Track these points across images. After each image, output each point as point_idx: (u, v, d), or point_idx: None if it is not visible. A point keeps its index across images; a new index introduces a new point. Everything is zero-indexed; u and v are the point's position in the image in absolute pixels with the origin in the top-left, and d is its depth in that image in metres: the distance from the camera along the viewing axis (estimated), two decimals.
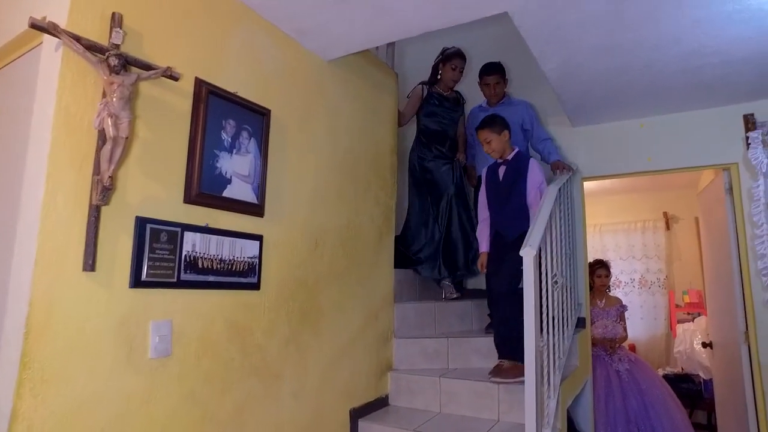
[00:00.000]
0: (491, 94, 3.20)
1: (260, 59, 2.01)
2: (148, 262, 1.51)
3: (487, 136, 2.66)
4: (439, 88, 3.31)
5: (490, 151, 2.68)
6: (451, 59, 3.25)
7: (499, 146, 2.67)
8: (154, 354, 1.52)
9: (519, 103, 3.23)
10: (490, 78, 3.17)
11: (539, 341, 1.94)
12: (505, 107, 3.17)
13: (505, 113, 2.98)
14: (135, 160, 1.51)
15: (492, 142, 2.66)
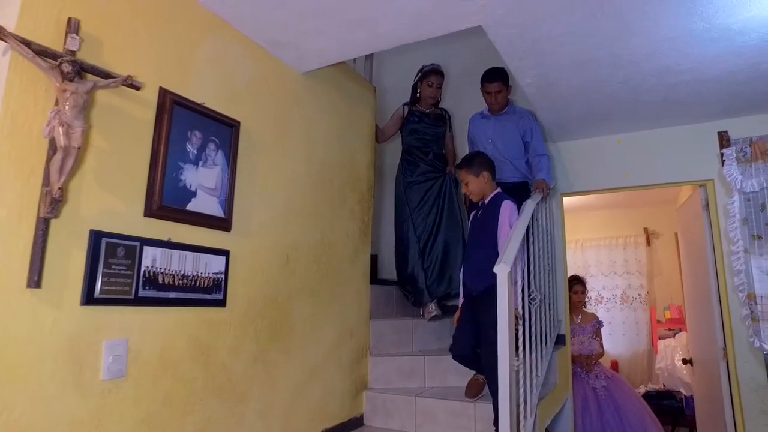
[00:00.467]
0: (492, 102, 3.01)
1: (231, 70, 1.97)
2: (102, 278, 1.44)
3: (464, 177, 2.47)
4: (420, 106, 3.24)
5: (468, 193, 2.50)
6: (427, 76, 3.17)
7: (477, 188, 2.45)
8: (107, 375, 1.44)
9: (522, 113, 3.05)
10: (491, 86, 2.97)
11: (514, 361, 1.89)
12: (508, 116, 3.04)
13: (507, 123, 2.99)
14: (91, 171, 1.44)
15: (469, 184, 2.45)
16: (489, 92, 2.98)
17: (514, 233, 2.10)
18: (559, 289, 3.20)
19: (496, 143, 3.01)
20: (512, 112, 3.04)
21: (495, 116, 3.06)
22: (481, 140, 3.07)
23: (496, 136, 3.03)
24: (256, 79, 2.09)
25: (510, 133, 2.99)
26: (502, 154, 2.97)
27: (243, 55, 2.03)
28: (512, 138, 2.99)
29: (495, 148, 2.99)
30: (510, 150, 2.99)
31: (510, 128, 2.98)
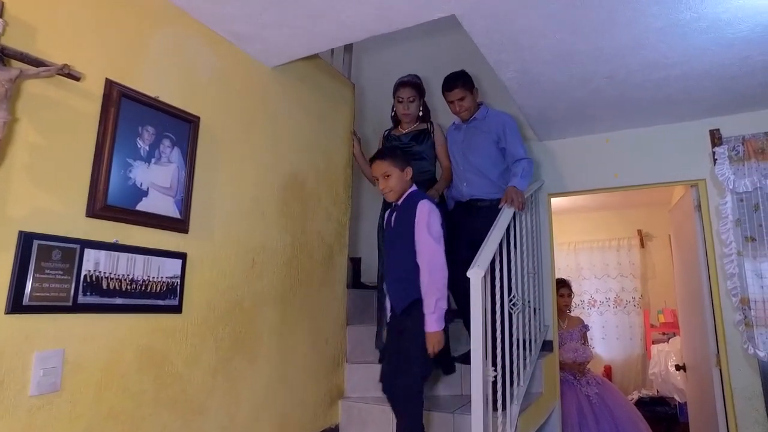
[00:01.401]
0: (458, 110, 2.69)
1: (191, 63, 1.86)
2: (33, 284, 1.32)
3: (386, 169, 2.11)
4: (400, 128, 2.85)
5: (387, 189, 2.12)
6: (396, 91, 2.77)
7: (399, 184, 2.12)
8: (36, 391, 1.32)
9: (495, 117, 2.70)
10: (451, 94, 2.66)
11: (488, 372, 1.77)
12: (478, 123, 2.72)
13: (477, 131, 2.69)
14: (22, 167, 1.33)
15: (391, 178, 2.10)
16: (451, 101, 2.68)
17: (490, 238, 1.98)
18: (546, 293, 3.09)
19: (467, 155, 2.69)
20: (483, 117, 2.72)
21: (466, 124, 2.75)
22: (454, 153, 2.77)
23: (467, 147, 2.70)
24: (220, 73, 1.98)
25: (482, 141, 2.67)
26: (475, 167, 2.66)
27: (204, 47, 1.92)
28: (485, 147, 2.66)
29: (466, 161, 2.69)
30: (483, 161, 2.65)
31: (481, 136, 2.67)
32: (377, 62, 3.51)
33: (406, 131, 2.82)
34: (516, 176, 2.51)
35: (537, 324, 2.86)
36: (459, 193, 2.72)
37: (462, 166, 2.65)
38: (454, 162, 2.76)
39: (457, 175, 2.73)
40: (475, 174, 2.65)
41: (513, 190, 2.41)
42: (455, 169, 2.74)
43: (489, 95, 3.25)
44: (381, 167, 2.13)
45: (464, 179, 2.68)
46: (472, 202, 2.65)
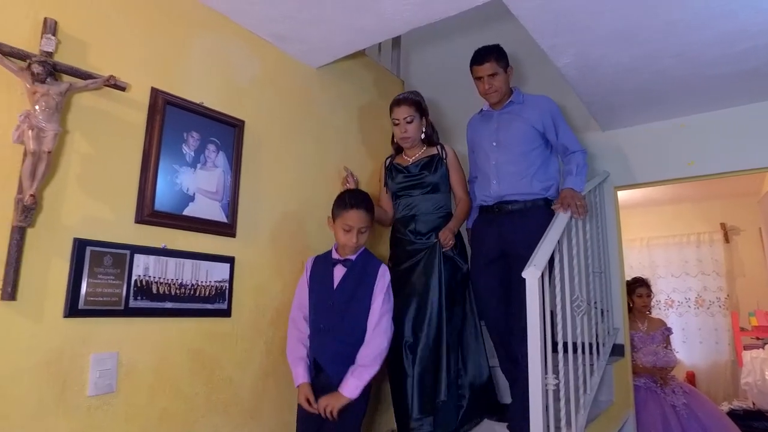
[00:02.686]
0: (487, 89, 2.19)
1: (233, 67, 1.88)
2: (87, 288, 1.37)
3: (366, 223, 1.88)
4: (405, 155, 2.34)
5: (355, 245, 1.87)
6: (390, 113, 2.27)
7: (364, 242, 1.92)
8: (94, 391, 1.36)
9: (536, 101, 2.25)
10: (482, 68, 2.17)
11: (546, 380, 1.64)
12: (516, 108, 2.25)
13: (516, 118, 2.22)
14: (75, 177, 1.38)
15: (365, 235, 1.89)
16: (480, 77, 2.20)
17: (547, 236, 1.84)
18: (614, 294, 2.86)
19: (502, 146, 2.22)
20: (520, 101, 2.26)
21: (498, 111, 2.28)
22: (483, 146, 2.29)
23: (502, 137, 2.23)
24: (263, 75, 1.99)
25: (521, 129, 2.20)
26: (511, 160, 2.20)
27: (247, 50, 1.93)
28: (524, 137, 2.20)
29: (500, 153, 2.22)
30: (522, 154, 2.19)
31: (520, 124, 2.20)
32: (427, 58, 3.42)
33: (413, 159, 2.29)
34: (571, 174, 2.11)
35: (605, 327, 2.65)
36: (486, 195, 2.25)
37: (494, 161, 2.22)
38: (479, 157, 2.31)
39: (485, 173, 2.27)
40: (509, 169, 2.20)
41: (570, 192, 2.03)
42: (482, 165, 2.29)
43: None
44: (361, 219, 1.86)
45: (495, 175, 2.21)
46: (501, 205, 2.19)
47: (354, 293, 1.85)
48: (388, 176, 2.34)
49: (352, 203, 1.86)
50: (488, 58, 2.17)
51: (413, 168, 2.27)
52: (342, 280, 1.86)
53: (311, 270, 1.93)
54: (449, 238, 2.15)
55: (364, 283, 1.87)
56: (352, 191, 2.00)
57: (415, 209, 2.23)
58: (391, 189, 2.31)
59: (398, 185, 2.28)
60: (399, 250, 2.24)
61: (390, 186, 2.32)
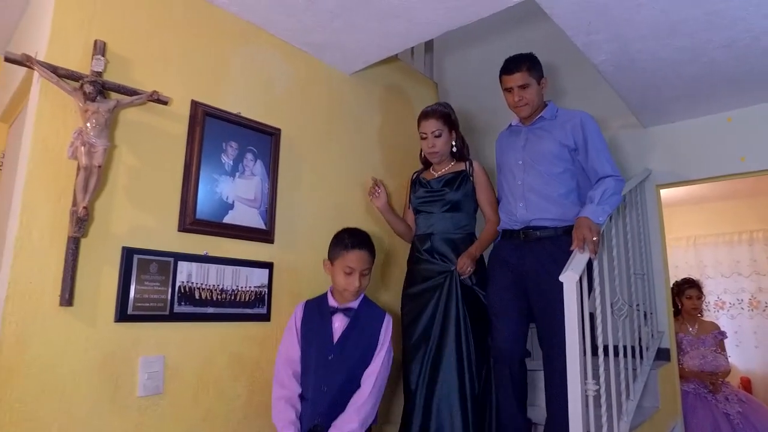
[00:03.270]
0: (516, 102, 1.98)
1: (270, 77, 1.93)
2: (135, 295, 1.44)
3: (368, 265, 1.75)
4: (432, 170, 2.20)
5: (357, 288, 1.71)
6: (418, 126, 2.14)
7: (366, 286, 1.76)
8: (144, 392, 1.43)
9: (569, 116, 2.00)
10: (512, 77, 1.96)
11: (585, 386, 1.61)
12: (548, 124, 2.01)
13: (545, 134, 1.99)
14: (122, 189, 1.46)
15: (367, 277, 1.74)
16: (509, 88, 1.99)
17: None
18: (658, 295, 2.77)
19: (529, 166, 1.99)
20: (552, 116, 2.02)
21: (527, 127, 2.06)
22: (509, 164, 2.08)
23: (530, 156, 2.00)
24: (298, 84, 2.03)
25: (551, 147, 1.96)
26: (539, 182, 1.96)
27: (282, 60, 1.98)
28: (555, 155, 1.95)
29: (527, 174, 1.99)
30: (551, 175, 1.95)
31: (550, 141, 1.97)
32: (460, 60, 3.40)
33: (438, 174, 2.16)
34: (591, 202, 1.81)
35: (648, 330, 2.57)
36: (511, 219, 2.02)
37: (520, 181, 1.99)
38: (506, 177, 2.09)
39: (509, 195, 2.04)
40: (537, 191, 1.96)
41: (583, 222, 1.74)
42: (508, 186, 2.06)
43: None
44: (364, 260, 1.72)
45: (521, 198, 1.98)
46: (528, 231, 1.95)
47: (358, 348, 1.66)
48: (412, 190, 2.22)
49: (354, 243, 1.71)
50: (520, 66, 1.96)
51: (435, 183, 2.13)
52: (344, 333, 1.67)
53: (302, 318, 1.70)
54: (467, 265, 1.96)
55: (367, 335, 1.69)
56: (352, 230, 1.80)
57: (432, 227, 2.08)
58: (413, 203, 2.19)
59: (418, 200, 2.15)
60: (414, 268, 2.11)
61: (412, 200, 2.20)
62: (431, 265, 2.05)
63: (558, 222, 1.92)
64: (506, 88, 2.02)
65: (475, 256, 2.00)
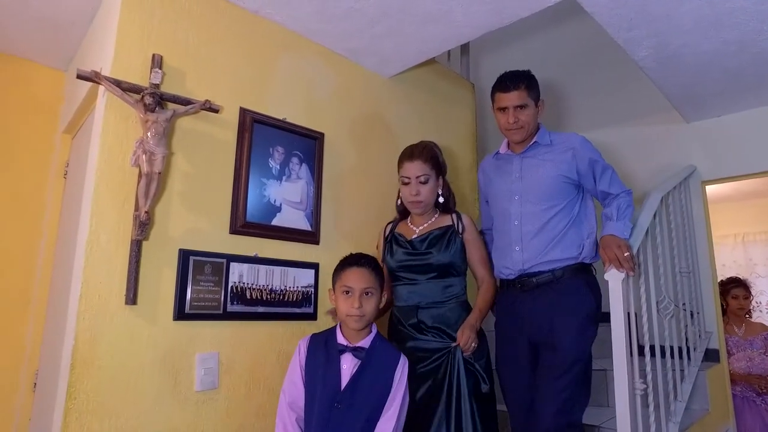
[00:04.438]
0: (510, 125, 1.73)
1: (312, 83, 1.99)
2: (192, 294, 1.52)
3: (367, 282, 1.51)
4: (410, 223, 1.85)
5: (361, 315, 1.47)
6: (399, 167, 1.81)
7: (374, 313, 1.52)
8: (200, 387, 1.51)
9: (564, 143, 1.76)
10: (507, 96, 1.72)
11: (634, 384, 1.60)
12: (544, 151, 1.76)
13: (546, 164, 1.74)
14: (177, 194, 1.54)
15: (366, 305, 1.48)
16: (503, 108, 1.75)
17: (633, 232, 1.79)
18: (705, 294, 2.69)
19: (527, 201, 1.74)
20: (546, 142, 1.78)
21: (519, 155, 1.80)
22: (500, 199, 1.82)
23: (526, 188, 1.75)
24: (339, 88, 2.09)
25: (550, 179, 1.72)
26: (538, 218, 1.71)
27: (323, 66, 2.04)
28: (556, 188, 1.72)
29: (522, 209, 1.74)
30: (551, 209, 1.71)
31: (548, 171, 1.73)
32: (497, 61, 3.40)
33: (420, 231, 1.80)
34: (611, 219, 1.68)
35: (695, 330, 2.51)
36: (506, 265, 1.75)
37: (516, 220, 1.73)
38: (498, 214, 1.83)
39: (504, 236, 1.78)
40: (536, 232, 1.70)
41: (611, 240, 1.62)
42: (501, 226, 1.80)
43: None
44: (364, 278, 1.50)
45: (517, 241, 1.72)
46: (525, 279, 1.70)
47: (370, 396, 1.43)
48: (387, 250, 1.83)
49: (351, 261, 1.53)
50: (518, 84, 1.72)
51: (418, 243, 1.77)
52: (354, 377, 1.44)
53: (307, 355, 1.49)
54: (471, 339, 1.61)
55: (380, 382, 1.45)
56: (354, 253, 1.60)
57: (418, 297, 1.73)
58: (390, 266, 1.80)
59: (398, 264, 1.78)
60: (399, 348, 1.63)
61: (388, 262, 1.80)
62: (423, 343, 1.68)
63: (557, 263, 1.67)
64: (500, 108, 1.77)
65: (477, 327, 1.67)
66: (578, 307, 1.63)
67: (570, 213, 1.73)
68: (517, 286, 1.73)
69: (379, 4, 1.75)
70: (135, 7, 1.52)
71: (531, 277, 1.70)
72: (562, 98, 3.14)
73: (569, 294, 1.65)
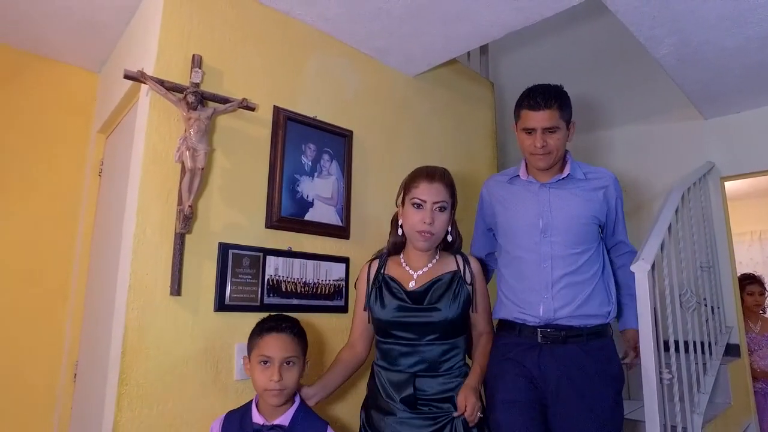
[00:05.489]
0: (536, 149, 1.50)
1: (340, 82, 2.04)
2: (231, 287, 1.57)
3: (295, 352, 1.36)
4: (405, 261, 1.54)
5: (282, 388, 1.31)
6: (410, 187, 1.52)
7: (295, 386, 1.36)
8: (240, 376, 1.56)
9: (598, 180, 1.57)
10: (536, 115, 1.48)
11: (660, 372, 1.63)
12: (575, 187, 1.55)
13: (574, 203, 1.52)
14: (217, 189, 1.59)
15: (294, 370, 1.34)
16: (531, 129, 1.51)
17: (657, 223, 1.82)
18: (725, 290, 2.71)
19: (559, 243, 1.50)
20: (580, 176, 1.56)
21: (546, 185, 1.56)
22: (520, 231, 1.56)
23: (557, 224, 1.51)
24: (366, 87, 2.14)
25: (583, 217, 1.52)
26: (570, 263, 1.49)
27: (351, 65, 2.09)
28: (587, 229, 1.53)
29: (558, 253, 1.50)
30: (583, 253, 1.51)
31: (583, 208, 1.52)
32: (515, 60, 3.43)
33: (418, 277, 1.48)
34: (630, 308, 1.62)
35: (716, 325, 2.53)
36: (532, 312, 1.49)
37: (546, 262, 1.49)
38: (519, 249, 1.55)
39: (527, 279, 1.52)
40: (568, 276, 1.48)
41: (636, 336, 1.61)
42: (523, 265, 1.53)
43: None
44: (285, 346, 1.34)
45: (548, 286, 1.48)
46: (554, 331, 1.46)
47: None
48: (375, 294, 1.48)
49: (270, 327, 1.35)
50: (550, 102, 1.48)
51: (419, 295, 1.44)
52: None
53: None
54: (476, 406, 1.34)
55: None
56: (274, 315, 1.43)
57: (415, 363, 1.41)
58: (379, 318, 1.46)
59: (392, 318, 1.44)
60: (383, 424, 1.38)
61: (377, 313, 1.47)
62: (418, 420, 1.36)
63: (591, 319, 1.47)
64: (526, 128, 1.52)
65: (479, 388, 1.42)
66: (616, 378, 1.45)
67: (598, 260, 1.53)
68: (538, 336, 1.46)
69: (407, 5, 1.79)
70: (176, 9, 1.57)
71: (560, 330, 1.45)
72: (579, 97, 3.16)
73: (605, 362, 1.45)
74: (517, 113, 1.57)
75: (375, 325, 1.51)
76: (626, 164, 3.12)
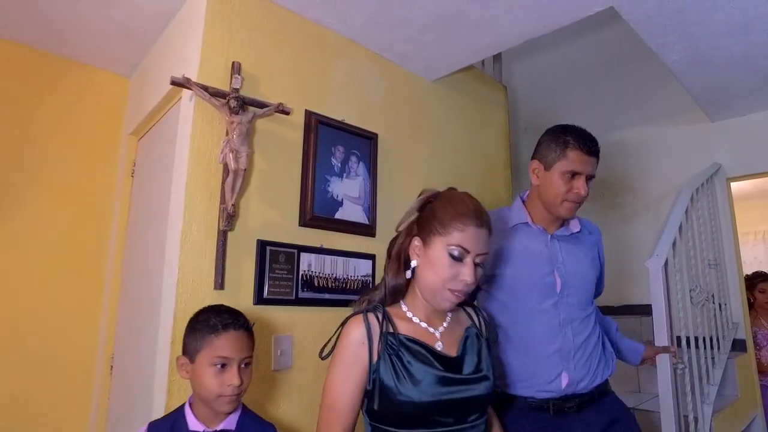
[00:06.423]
0: (580, 197, 1.38)
1: (365, 86, 2.13)
2: (269, 281, 1.66)
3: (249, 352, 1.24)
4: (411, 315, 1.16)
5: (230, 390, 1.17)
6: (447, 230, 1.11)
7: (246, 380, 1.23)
8: (276, 366, 1.65)
9: (592, 235, 1.54)
10: (588, 161, 1.38)
11: (674, 362, 1.72)
12: (579, 239, 1.49)
13: (581, 256, 1.45)
14: (255, 189, 1.68)
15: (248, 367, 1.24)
16: (578, 173, 1.37)
17: (667, 225, 1.91)
18: (732, 287, 2.80)
19: (571, 304, 1.40)
20: (583, 228, 1.51)
21: (556, 236, 1.45)
22: (528, 288, 1.39)
23: (570, 281, 1.41)
24: (389, 91, 2.23)
25: (592, 272, 1.47)
26: (586, 325, 1.41)
27: (375, 71, 2.18)
28: (592, 285, 1.47)
29: (572, 314, 1.39)
30: (592, 312, 1.45)
31: (586, 261, 1.46)
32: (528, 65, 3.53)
33: (441, 334, 1.14)
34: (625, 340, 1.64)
35: (723, 320, 2.62)
36: (549, 388, 1.34)
37: (566, 326, 1.37)
38: (528, 311, 1.38)
39: (541, 346, 1.36)
40: (584, 341, 1.38)
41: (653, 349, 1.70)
42: (536, 330, 1.37)
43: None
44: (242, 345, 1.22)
45: (568, 355, 1.35)
46: (561, 403, 1.33)
47: None
48: (393, 367, 1.06)
49: (227, 323, 1.19)
50: (597, 150, 1.39)
51: (457, 361, 1.11)
52: None
53: None
54: None
55: None
56: (215, 308, 1.25)
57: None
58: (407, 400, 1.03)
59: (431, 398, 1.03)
60: None
61: (401, 392, 1.04)
62: None
63: (599, 379, 1.38)
64: (572, 171, 1.36)
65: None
66: (633, 418, 1.41)
67: (596, 318, 1.46)
68: (551, 409, 1.31)
69: (431, 14, 1.88)
70: (216, 18, 1.66)
71: (573, 398, 1.33)
72: (588, 100, 3.26)
73: (624, 412, 1.40)
74: (560, 152, 1.37)
75: (394, 413, 1.04)
76: (635, 165, 3.21)
